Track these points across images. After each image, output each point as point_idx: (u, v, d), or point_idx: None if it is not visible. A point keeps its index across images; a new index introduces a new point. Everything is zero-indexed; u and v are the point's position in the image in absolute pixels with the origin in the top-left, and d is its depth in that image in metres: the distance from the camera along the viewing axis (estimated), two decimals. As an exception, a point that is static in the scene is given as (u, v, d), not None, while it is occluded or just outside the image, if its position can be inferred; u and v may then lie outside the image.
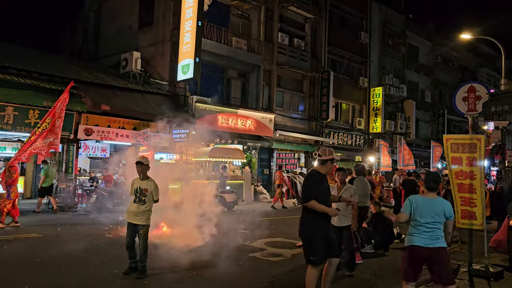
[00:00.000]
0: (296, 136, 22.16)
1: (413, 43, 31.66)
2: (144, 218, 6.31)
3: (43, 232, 9.56)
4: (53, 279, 5.95)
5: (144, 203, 6.32)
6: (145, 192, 6.34)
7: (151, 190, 6.39)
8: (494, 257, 7.94)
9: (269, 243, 9.07)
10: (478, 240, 7.42)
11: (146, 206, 6.33)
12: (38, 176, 16.57)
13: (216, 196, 14.92)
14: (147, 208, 6.34)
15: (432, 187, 4.82)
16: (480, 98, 7.16)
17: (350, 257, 6.73)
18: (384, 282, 6.34)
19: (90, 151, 18.31)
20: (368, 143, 26.95)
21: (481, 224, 6.57)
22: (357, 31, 26.41)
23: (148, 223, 6.37)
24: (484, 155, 6.68)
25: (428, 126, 32.88)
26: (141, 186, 6.38)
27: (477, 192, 6.56)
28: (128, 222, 6.38)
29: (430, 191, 4.82)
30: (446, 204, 4.78)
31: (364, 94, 26.91)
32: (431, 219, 4.63)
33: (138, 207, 6.31)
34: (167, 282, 6.04)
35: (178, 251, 7.54)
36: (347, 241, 6.69)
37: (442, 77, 34.04)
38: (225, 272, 6.57)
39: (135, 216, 6.29)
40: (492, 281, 6.47)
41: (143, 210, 6.31)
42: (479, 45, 37.69)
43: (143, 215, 6.32)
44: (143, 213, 6.32)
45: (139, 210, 6.29)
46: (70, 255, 7.41)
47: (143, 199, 6.33)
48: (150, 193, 6.37)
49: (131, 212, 6.34)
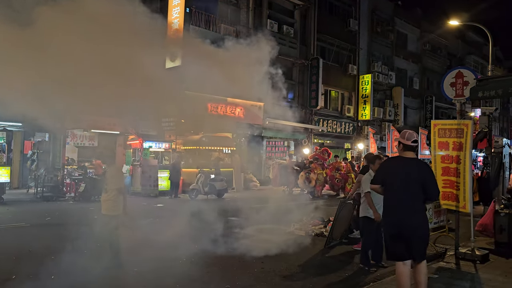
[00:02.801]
0: (285, 124, 22.15)
1: (401, 30, 31.68)
2: (105, 207, 6.11)
3: (32, 221, 9.48)
4: (41, 269, 5.90)
5: (106, 192, 6.15)
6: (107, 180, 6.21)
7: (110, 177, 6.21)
8: (480, 240, 8.09)
9: (259, 229, 9.10)
10: (465, 225, 7.56)
11: (108, 195, 6.12)
12: (25, 166, 16.40)
13: (206, 184, 14.98)
14: (109, 196, 6.11)
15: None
16: (467, 83, 7.21)
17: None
18: (373, 266, 6.40)
19: (78, 140, 18.13)
20: (357, 130, 27.07)
21: (464, 206, 6.69)
22: (346, 18, 26.33)
23: (110, 213, 6.09)
24: (471, 140, 6.76)
25: (416, 113, 33.10)
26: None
27: (460, 176, 6.66)
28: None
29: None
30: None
31: (353, 81, 26.94)
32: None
33: (104, 196, 6.17)
34: (147, 274, 6.03)
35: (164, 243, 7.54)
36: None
37: (430, 64, 34.19)
38: (215, 258, 6.60)
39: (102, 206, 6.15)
40: (478, 264, 6.59)
41: (104, 199, 6.17)
42: (466, 32, 37.89)
43: (104, 204, 6.14)
44: (104, 202, 6.15)
45: (103, 199, 6.19)
46: (59, 245, 7.35)
47: (105, 187, 6.18)
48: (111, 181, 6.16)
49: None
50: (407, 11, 32.40)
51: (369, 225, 6.26)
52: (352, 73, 26.42)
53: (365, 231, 6.46)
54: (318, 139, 24.68)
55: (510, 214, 7.54)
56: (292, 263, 6.40)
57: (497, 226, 7.63)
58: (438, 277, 5.89)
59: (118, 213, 6.10)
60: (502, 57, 45.02)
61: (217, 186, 14.93)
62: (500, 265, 6.58)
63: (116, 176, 6.24)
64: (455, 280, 5.80)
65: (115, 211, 6.07)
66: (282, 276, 5.81)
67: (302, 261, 6.58)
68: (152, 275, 5.70)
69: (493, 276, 5.98)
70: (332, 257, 6.88)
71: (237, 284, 5.39)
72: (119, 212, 6.11)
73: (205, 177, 15.13)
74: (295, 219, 9.44)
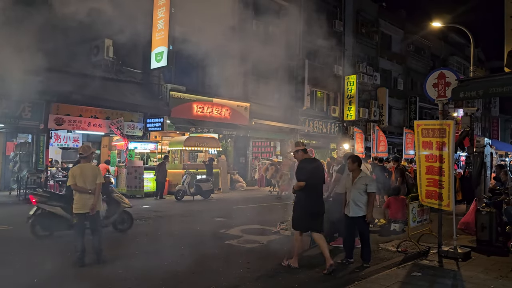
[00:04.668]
0: (271, 124, 22.21)
1: (386, 31, 32.03)
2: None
3: (14, 224, 9.32)
4: (24, 272, 5.82)
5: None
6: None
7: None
8: (462, 238, 8.24)
9: (245, 230, 9.12)
10: (448, 223, 7.69)
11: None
12: (7, 168, 16.13)
13: (192, 185, 14.93)
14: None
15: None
16: (449, 84, 7.32)
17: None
18: (358, 265, 6.47)
19: (61, 142, 17.88)
20: (343, 130, 27.28)
21: (448, 204, 6.81)
22: (332, 19, 26.51)
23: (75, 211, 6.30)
24: (453, 140, 6.88)
25: (401, 114, 33.50)
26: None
27: (445, 175, 6.77)
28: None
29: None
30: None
31: (339, 82, 27.14)
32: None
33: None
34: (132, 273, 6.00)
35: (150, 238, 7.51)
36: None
37: (414, 65, 34.64)
38: (201, 259, 6.60)
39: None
40: (460, 261, 6.71)
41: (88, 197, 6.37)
42: (449, 34, 38.49)
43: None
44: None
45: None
46: (42, 247, 7.27)
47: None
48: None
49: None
50: (391, 12, 32.78)
51: (346, 221, 6.62)
52: (337, 74, 26.61)
53: (344, 227, 6.79)
54: (304, 140, 24.77)
55: (491, 212, 7.69)
56: (278, 262, 6.43)
57: (478, 224, 7.77)
58: (421, 275, 5.98)
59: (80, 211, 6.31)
60: (484, 59, 45.82)
61: (204, 187, 14.90)
62: (481, 263, 6.71)
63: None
64: (438, 278, 5.89)
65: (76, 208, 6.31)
66: (268, 276, 5.83)
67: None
68: (138, 275, 5.66)
69: (474, 273, 6.10)
70: (318, 255, 6.91)
71: (223, 285, 5.39)
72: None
73: (191, 178, 15.09)
74: (281, 219, 9.48)
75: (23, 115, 13.71)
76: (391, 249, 7.62)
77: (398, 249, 7.46)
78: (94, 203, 6.25)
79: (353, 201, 6.38)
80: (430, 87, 7.58)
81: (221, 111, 19.57)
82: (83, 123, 15.17)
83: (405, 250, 7.40)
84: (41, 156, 14.48)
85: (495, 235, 7.62)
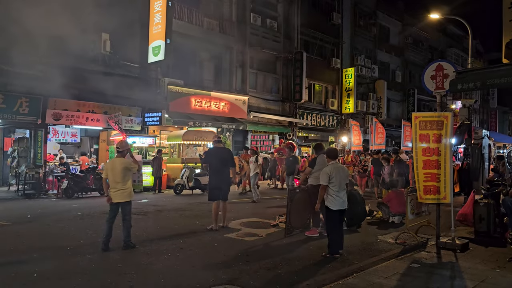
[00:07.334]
0: (270, 118, 22.20)
1: (384, 23, 31.92)
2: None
3: (13, 219, 9.33)
4: (24, 266, 5.84)
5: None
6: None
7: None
8: (460, 230, 8.28)
9: (244, 223, 9.15)
10: (446, 215, 7.72)
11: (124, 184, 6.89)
12: (5, 163, 16.12)
13: (190, 178, 14.95)
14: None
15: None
16: (447, 76, 7.32)
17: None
18: (357, 257, 6.51)
19: (59, 137, 17.86)
20: (341, 123, 27.27)
21: (445, 197, 6.82)
22: (329, 11, 26.40)
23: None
24: (450, 132, 6.89)
25: (399, 106, 33.48)
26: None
27: (441, 168, 6.78)
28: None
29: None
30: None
31: (337, 75, 27.09)
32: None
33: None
34: (134, 267, 6.02)
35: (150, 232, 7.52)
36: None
37: (412, 58, 34.56)
38: (201, 252, 6.62)
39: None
40: (458, 253, 6.75)
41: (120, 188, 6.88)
42: (447, 25, 38.38)
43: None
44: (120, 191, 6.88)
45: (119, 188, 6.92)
46: (41, 242, 7.28)
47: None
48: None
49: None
50: (389, 4, 32.63)
51: (328, 213, 6.60)
52: (335, 67, 26.55)
53: (326, 219, 6.82)
54: (303, 133, 24.79)
55: (489, 204, 7.72)
56: (277, 255, 6.45)
57: (476, 215, 7.80)
58: (420, 267, 6.01)
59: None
60: (482, 50, 45.73)
61: (202, 181, 14.88)
62: (479, 254, 6.74)
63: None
64: (436, 269, 5.93)
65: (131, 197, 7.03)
66: (267, 269, 5.85)
67: (287, 254, 6.63)
68: (137, 269, 5.68)
69: (472, 264, 6.13)
70: (316, 249, 6.94)
71: (222, 277, 5.41)
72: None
73: (190, 172, 15.09)
74: (279, 212, 9.50)
75: (20, 110, 13.65)
76: (390, 241, 7.66)
77: (397, 241, 7.49)
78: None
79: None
80: (428, 79, 7.59)
81: (219, 104, 19.53)
82: (81, 118, 15.11)
83: (404, 242, 7.43)
84: (39, 151, 14.45)
85: (493, 226, 7.66)
